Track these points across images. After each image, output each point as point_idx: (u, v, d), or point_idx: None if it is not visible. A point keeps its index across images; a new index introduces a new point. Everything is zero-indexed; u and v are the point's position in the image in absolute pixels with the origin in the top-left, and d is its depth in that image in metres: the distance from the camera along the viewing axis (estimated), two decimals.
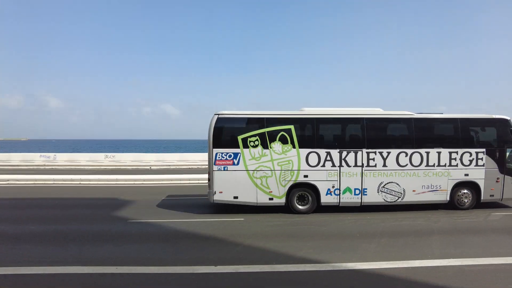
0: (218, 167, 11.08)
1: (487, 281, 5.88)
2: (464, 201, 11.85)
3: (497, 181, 11.85)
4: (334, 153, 11.36)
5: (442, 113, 12.35)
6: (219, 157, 11.07)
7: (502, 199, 11.94)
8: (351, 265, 6.54)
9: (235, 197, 11.19)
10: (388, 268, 6.40)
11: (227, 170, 11.10)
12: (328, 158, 11.35)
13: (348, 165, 11.40)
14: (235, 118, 11.54)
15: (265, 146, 11.18)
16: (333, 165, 11.36)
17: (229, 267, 6.51)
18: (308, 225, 10.00)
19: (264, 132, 11.23)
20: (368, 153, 11.45)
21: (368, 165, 11.46)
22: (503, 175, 11.79)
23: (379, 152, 11.48)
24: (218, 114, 11.21)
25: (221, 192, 11.09)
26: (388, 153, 11.51)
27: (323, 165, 11.35)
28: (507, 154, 11.86)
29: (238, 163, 11.11)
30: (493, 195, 11.91)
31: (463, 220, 10.64)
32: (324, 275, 6.21)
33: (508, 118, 11.97)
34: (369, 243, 8.03)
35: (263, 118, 11.40)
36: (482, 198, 11.84)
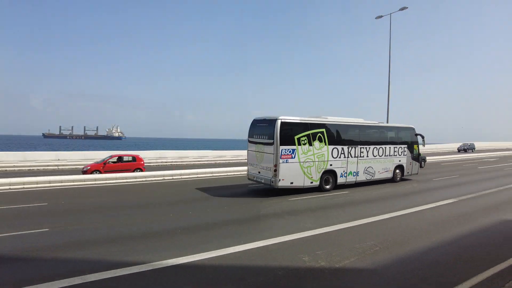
0: (283, 160, 14.14)
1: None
2: (398, 177, 19.52)
3: (410, 164, 20.18)
4: (345, 148, 16.46)
5: (382, 122, 20.00)
6: (283, 153, 14.15)
7: (411, 174, 20.49)
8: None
9: (291, 183, 14.59)
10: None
11: (288, 162, 14.27)
12: (342, 151, 16.32)
13: (351, 156, 16.74)
14: (291, 123, 14.59)
15: (310, 143, 14.99)
16: (345, 157, 16.47)
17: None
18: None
19: (309, 133, 14.98)
20: (360, 148, 17.16)
21: (360, 156, 17.18)
22: (413, 160, 20.31)
23: (365, 147, 17.41)
24: (280, 119, 14.10)
25: (283, 180, 14.22)
26: (369, 148, 17.60)
27: (339, 157, 16.23)
28: (415, 148, 20.38)
29: (294, 157, 14.50)
30: (408, 173, 20.23)
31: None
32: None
33: (413, 127, 20.43)
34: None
35: (307, 123, 15.15)
36: (404, 174, 19.95)
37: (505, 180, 20.74)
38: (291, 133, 14.39)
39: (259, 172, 15.11)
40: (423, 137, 20.55)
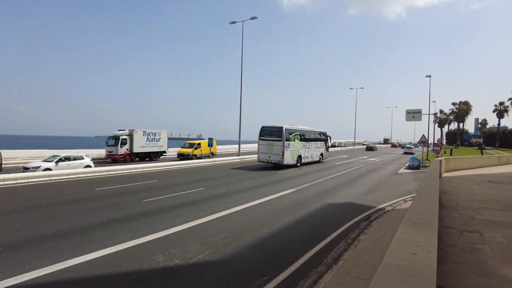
0: (286, 149, 25.85)
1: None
2: (322, 160, 33.48)
3: (325, 152, 34.86)
4: (304, 143, 29.13)
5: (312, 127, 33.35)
6: (286, 145, 25.88)
7: (325, 158, 34.88)
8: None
9: (287, 161, 26.17)
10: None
11: (287, 150, 26.04)
12: (303, 145, 28.94)
13: (306, 148, 29.47)
14: (288, 128, 26.81)
15: (294, 140, 27.08)
16: (304, 148, 29.08)
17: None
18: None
19: (294, 135, 27.30)
20: (309, 143, 30.26)
21: (308, 148, 29.97)
22: (326, 150, 35.03)
23: (310, 142, 30.56)
24: (284, 126, 26.09)
25: (284, 160, 25.84)
26: (312, 143, 30.89)
27: (302, 148, 28.75)
28: (327, 143, 35.54)
29: (289, 147, 26.43)
30: (326, 157, 35.06)
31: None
32: None
33: (326, 131, 35.68)
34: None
35: (295, 129, 28.13)
36: (323, 159, 34.10)
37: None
38: (288, 134, 26.57)
39: (269, 157, 26.44)
40: (330, 137, 36.69)
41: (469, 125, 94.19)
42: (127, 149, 29.62)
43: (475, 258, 5.74)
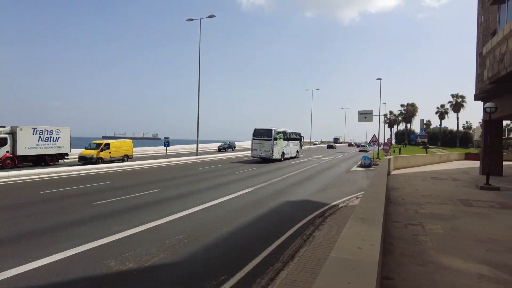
0: (274, 147, 33.10)
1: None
2: (297, 155, 41.28)
3: (300, 149, 42.85)
4: (286, 141, 36.74)
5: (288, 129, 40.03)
6: (274, 144, 33.28)
7: (299, 155, 42.40)
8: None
9: (275, 156, 33.44)
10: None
11: (276, 146, 33.54)
12: (285, 143, 36.44)
13: (287, 146, 37.11)
14: (276, 130, 34.26)
15: (279, 140, 34.77)
16: (285, 145, 36.58)
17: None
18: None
19: (279, 135, 34.68)
20: (289, 142, 37.92)
21: (288, 146, 37.59)
22: (301, 148, 43.45)
23: (289, 141, 38.16)
24: (273, 129, 33.82)
25: (273, 155, 33.22)
26: (290, 142, 38.58)
27: (285, 146, 36.27)
28: (301, 141, 44.20)
29: (277, 145, 33.88)
30: (300, 154, 42.77)
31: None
32: None
33: (300, 132, 44.43)
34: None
35: (280, 130, 35.48)
36: (298, 155, 41.63)
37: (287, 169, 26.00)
38: (276, 135, 33.78)
39: (261, 153, 33.29)
40: (303, 137, 44.98)
41: (416, 126, 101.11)
42: (7, 151, 23.57)
43: (417, 249, 6.20)
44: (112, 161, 27.81)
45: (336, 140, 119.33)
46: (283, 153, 35.62)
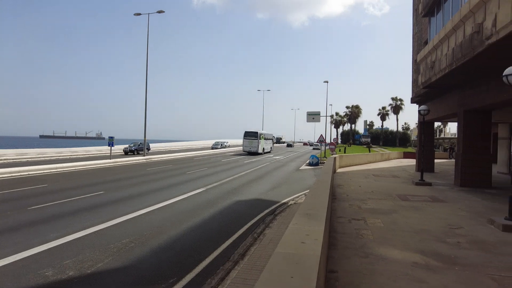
0: (259, 144, 47.77)
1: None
2: (271, 151, 56.72)
3: (272, 146, 60.90)
4: (265, 140, 51.70)
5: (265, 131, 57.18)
6: (260, 142, 48.54)
7: (272, 150, 59.16)
8: None
9: (261, 150, 48.96)
10: None
11: (260, 144, 48.06)
12: (265, 141, 52.13)
13: (265, 143, 52.42)
14: (260, 132, 49.46)
15: (262, 139, 49.86)
16: (265, 143, 51.91)
17: None
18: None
19: (261, 136, 49.27)
20: (267, 140, 53.89)
21: (266, 143, 53.32)
22: (273, 144, 64.60)
23: (267, 140, 53.83)
24: (258, 131, 48.65)
25: (259, 150, 47.51)
26: (268, 140, 54.66)
27: (265, 143, 52.07)
28: (273, 140, 66.54)
29: (260, 143, 48.32)
30: (272, 149, 59.45)
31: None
32: None
33: (272, 133, 65.23)
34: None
35: (262, 132, 50.76)
36: (271, 150, 57.59)
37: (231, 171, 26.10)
38: (260, 136, 48.21)
39: (250, 148, 46.46)
40: (275, 137, 70.95)
41: (360, 126, 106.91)
42: None
43: (359, 242, 6.58)
44: None
45: (278, 140, 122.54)
46: (263, 148, 49.78)
